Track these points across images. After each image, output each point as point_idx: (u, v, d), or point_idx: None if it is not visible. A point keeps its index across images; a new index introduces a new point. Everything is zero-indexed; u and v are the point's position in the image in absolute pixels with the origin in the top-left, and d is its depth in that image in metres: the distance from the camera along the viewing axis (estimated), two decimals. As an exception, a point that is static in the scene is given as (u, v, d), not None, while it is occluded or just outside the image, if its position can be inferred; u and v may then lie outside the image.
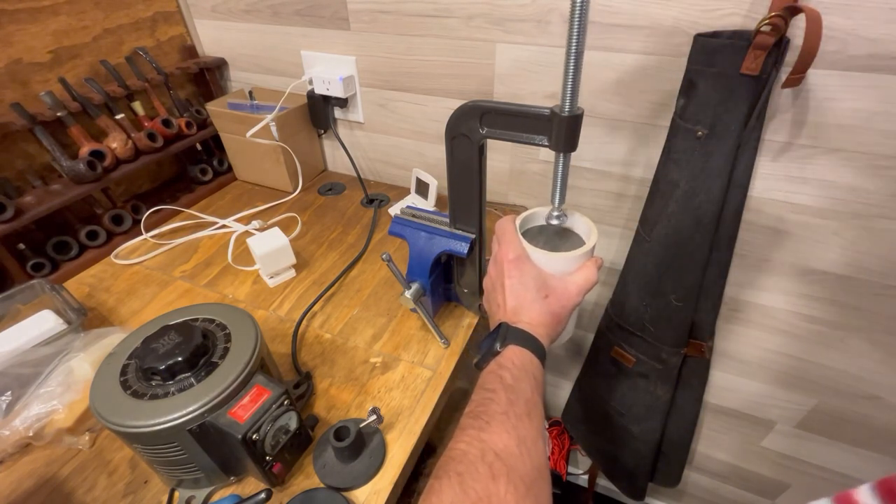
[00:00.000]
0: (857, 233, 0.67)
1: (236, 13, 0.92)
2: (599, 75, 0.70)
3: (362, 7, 0.80)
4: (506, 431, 0.36)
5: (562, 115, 0.41)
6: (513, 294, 0.47)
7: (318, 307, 0.71)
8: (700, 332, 0.81)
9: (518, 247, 0.48)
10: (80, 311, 0.63)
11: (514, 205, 0.91)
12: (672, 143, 0.66)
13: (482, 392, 0.40)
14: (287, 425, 0.46)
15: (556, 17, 0.68)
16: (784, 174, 0.67)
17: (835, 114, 0.60)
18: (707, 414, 1.03)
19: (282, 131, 0.89)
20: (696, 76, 0.60)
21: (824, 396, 0.87)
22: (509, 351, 0.43)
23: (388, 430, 0.54)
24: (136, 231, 0.86)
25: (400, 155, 0.97)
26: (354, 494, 0.48)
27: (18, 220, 0.71)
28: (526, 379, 0.41)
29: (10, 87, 0.73)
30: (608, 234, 0.86)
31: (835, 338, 0.79)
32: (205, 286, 0.75)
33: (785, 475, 1.05)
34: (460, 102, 0.47)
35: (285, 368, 0.61)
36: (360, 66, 0.88)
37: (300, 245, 0.83)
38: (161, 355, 0.44)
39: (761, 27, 0.53)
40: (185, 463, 0.45)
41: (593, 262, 0.49)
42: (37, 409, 0.52)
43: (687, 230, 0.68)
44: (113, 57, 0.85)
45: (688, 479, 1.21)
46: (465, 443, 0.36)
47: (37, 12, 0.74)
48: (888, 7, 0.51)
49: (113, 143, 0.82)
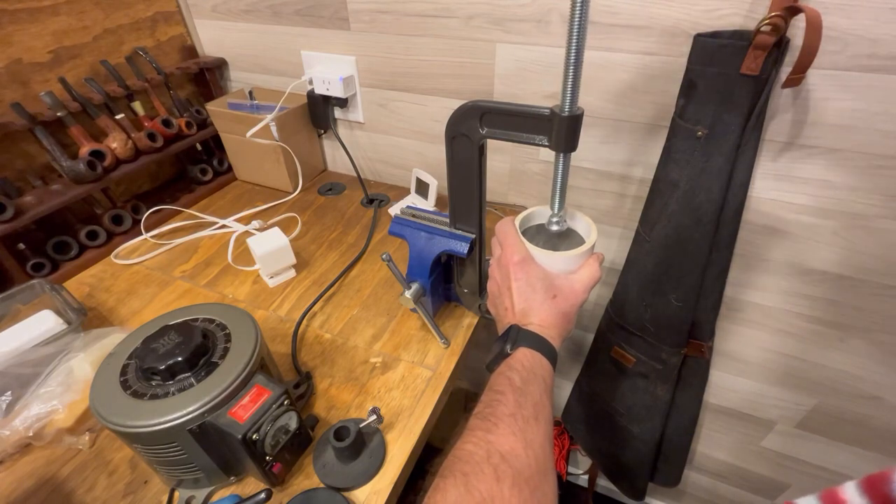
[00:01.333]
0: (857, 233, 0.67)
1: (236, 13, 0.92)
2: (599, 75, 0.70)
3: (362, 7, 0.80)
4: (513, 434, 0.36)
5: (562, 115, 0.41)
6: (521, 296, 0.47)
7: (318, 307, 0.71)
8: (700, 332, 0.81)
9: (521, 248, 0.48)
10: (80, 311, 0.63)
11: (514, 205, 0.91)
12: (672, 143, 0.66)
13: (491, 394, 0.40)
14: (287, 425, 0.46)
15: (556, 17, 0.68)
16: (784, 174, 0.67)
17: (835, 114, 0.60)
18: (707, 414, 1.03)
19: (282, 131, 0.90)
20: (696, 76, 0.60)
21: (824, 396, 0.87)
22: (519, 353, 0.43)
23: (388, 430, 0.54)
24: (136, 231, 0.86)
25: (400, 155, 0.97)
26: (354, 494, 0.48)
27: (18, 220, 0.71)
28: (535, 381, 0.41)
29: (10, 87, 0.73)
30: (608, 234, 0.86)
31: (835, 338, 0.79)
32: (205, 286, 0.75)
33: (785, 475, 1.05)
34: (460, 102, 0.47)
35: (285, 368, 0.61)
36: (360, 66, 0.88)
37: (300, 245, 0.83)
38: (161, 355, 0.44)
39: (761, 27, 0.53)
40: (185, 463, 0.45)
41: (595, 259, 0.49)
42: (37, 409, 0.52)
43: (687, 230, 0.68)
44: (113, 57, 0.85)
45: (688, 479, 1.21)
46: (472, 443, 0.36)
47: (37, 12, 0.74)
48: (888, 7, 0.51)
49: (113, 143, 0.82)
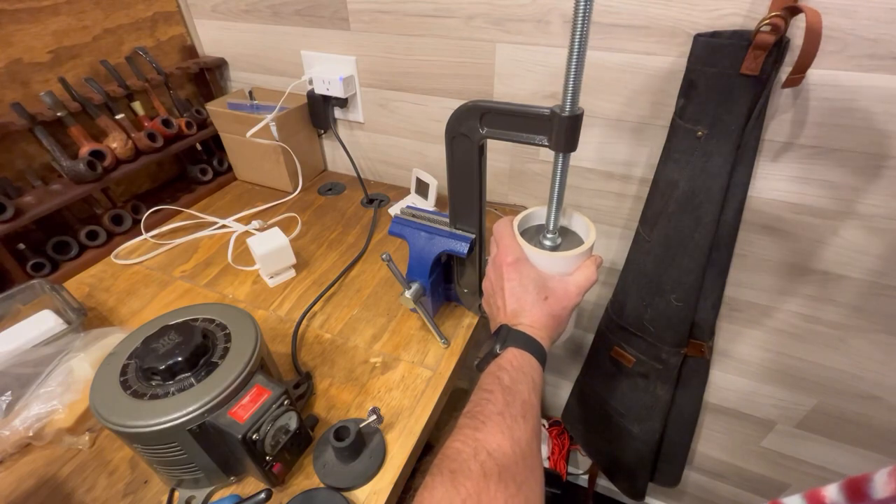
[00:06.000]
0: (857, 233, 0.67)
1: (236, 13, 0.92)
2: (599, 75, 0.70)
3: (362, 7, 0.80)
4: (500, 432, 0.37)
5: (562, 115, 0.41)
6: (512, 297, 0.47)
7: (318, 307, 0.71)
8: (700, 332, 0.81)
9: (516, 249, 0.48)
10: (80, 311, 0.63)
11: (514, 205, 0.91)
12: (672, 143, 0.66)
13: (480, 392, 0.41)
14: (287, 425, 0.46)
15: (556, 17, 0.68)
16: (784, 174, 0.67)
17: (835, 114, 0.60)
18: (707, 414, 1.03)
19: (282, 131, 0.90)
20: (696, 76, 0.60)
21: (824, 396, 0.87)
22: (509, 353, 0.43)
23: (388, 430, 0.54)
24: (136, 231, 0.86)
25: (400, 155, 0.97)
26: (354, 494, 0.48)
27: (18, 220, 0.71)
28: (524, 381, 0.41)
29: (10, 87, 0.73)
30: (608, 234, 0.86)
31: (835, 338, 0.79)
32: (205, 286, 0.75)
33: (785, 475, 1.05)
34: (460, 102, 0.47)
35: (285, 368, 0.61)
36: (360, 66, 0.88)
37: (300, 245, 0.83)
38: (161, 355, 0.44)
39: (761, 27, 0.53)
40: (185, 463, 0.45)
41: (592, 261, 0.49)
42: (37, 409, 0.52)
43: (687, 230, 0.69)
44: (113, 57, 0.85)
45: (688, 479, 1.21)
46: (459, 441, 0.37)
47: (37, 12, 0.74)
48: (888, 7, 0.51)
49: (113, 143, 0.82)
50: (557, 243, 0.50)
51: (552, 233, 0.50)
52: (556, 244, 0.50)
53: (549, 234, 0.50)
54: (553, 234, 0.50)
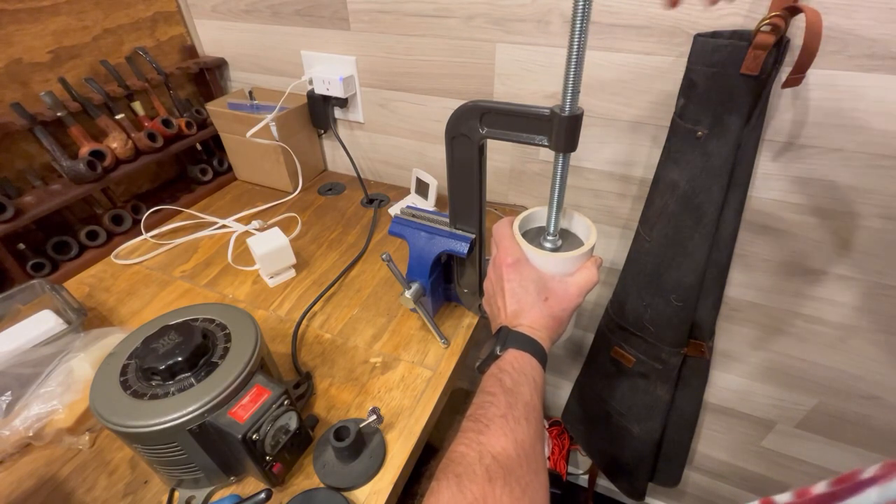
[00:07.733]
0: (857, 233, 0.67)
1: (236, 13, 0.92)
2: (599, 75, 0.70)
3: (362, 7, 0.80)
4: (504, 435, 0.37)
5: (562, 115, 0.41)
6: (513, 298, 0.47)
7: (318, 307, 0.71)
8: (700, 332, 0.81)
9: (516, 250, 0.48)
10: (80, 311, 0.63)
11: (514, 205, 0.91)
12: (672, 143, 0.66)
13: (482, 395, 0.41)
14: (287, 425, 0.47)
15: (556, 17, 0.68)
16: (784, 174, 0.67)
17: (835, 114, 0.60)
18: (707, 414, 1.03)
19: (282, 131, 0.90)
20: (696, 76, 0.60)
21: (824, 396, 0.87)
22: (509, 354, 0.43)
23: (388, 430, 0.54)
24: (136, 231, 0.86)
25: (400, 155, 0.97)
26: (354, 494, 0.48)
27: (18, 220, 0.71)
28: (525, 382, 0.41)
29: (10, 87, 0.73)
30: (608, 234, 0.86)
31: (835, 338, 0.79)
32: (205, 286, 0.75)
33: (785, 475, 1.05)
34: (460, 102, 0.47)
35: (285, 368, 0.61)
36: (360, 66, 0.88)
37: (300, 245, 0.83)
38: (161, 355, 0.44)
39: (761, 27, 0.53)
40: (185, 463, 0.45)
41: (593, 262, 0.49)
42: (37, 409, 0.52)
43: (687, 230, 0.68)
44: (113, 57, 0.85)
45: (688, 479, 1.21)
46: (464, 445, 0.37)
47: (37, 12, 0.74)
48: (888, 7, 0.51)
49: (113, 143, 0.82)
50: (558, 244, 0.50)
51: (553, 234, 0.50)
52: (557, 245, 0.50)
53: (550, 236, 0.50)
54: (553, 235, 0.50)
